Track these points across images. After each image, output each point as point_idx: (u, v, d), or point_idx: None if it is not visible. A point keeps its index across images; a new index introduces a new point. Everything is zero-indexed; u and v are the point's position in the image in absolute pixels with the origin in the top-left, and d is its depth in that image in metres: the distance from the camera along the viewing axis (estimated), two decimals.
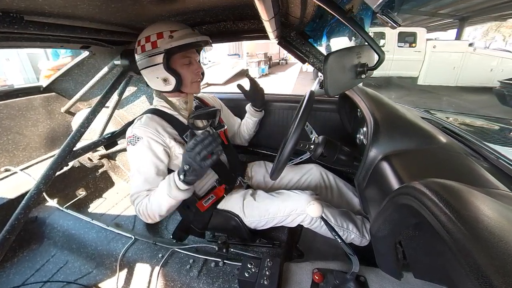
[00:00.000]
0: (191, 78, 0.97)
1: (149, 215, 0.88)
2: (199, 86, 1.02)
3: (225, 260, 0.94)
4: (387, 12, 0.60)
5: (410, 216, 0.44)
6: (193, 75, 0.97)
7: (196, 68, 0.97)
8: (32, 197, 0.92)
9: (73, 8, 0.74)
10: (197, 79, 0.99)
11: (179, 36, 0.88)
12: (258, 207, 1.00)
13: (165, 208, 0.85)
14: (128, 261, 1.04)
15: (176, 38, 0.88)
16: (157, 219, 0.90)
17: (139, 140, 0.89)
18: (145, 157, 0.89)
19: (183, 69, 0.94)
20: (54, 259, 1.19)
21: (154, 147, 0.90)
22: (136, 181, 0.90)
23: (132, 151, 0.90)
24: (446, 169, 0.62)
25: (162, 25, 0.90)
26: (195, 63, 0.97)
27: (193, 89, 1.01)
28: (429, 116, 1.12)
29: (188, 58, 0.95)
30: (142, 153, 0.89)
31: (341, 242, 0.71)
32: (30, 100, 1.57)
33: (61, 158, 1.03)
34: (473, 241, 0.28)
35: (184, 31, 0.90)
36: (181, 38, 0.88)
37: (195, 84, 1.00)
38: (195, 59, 0.97)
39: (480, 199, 0.35)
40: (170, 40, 0.87)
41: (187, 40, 0.88)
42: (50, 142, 1.68)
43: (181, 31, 0.90)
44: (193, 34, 0.92)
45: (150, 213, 0.87)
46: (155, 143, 0.90)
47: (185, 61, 0.94)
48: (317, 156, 0.89)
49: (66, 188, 1.57)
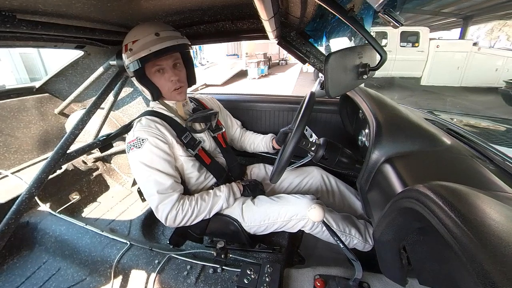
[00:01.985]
0: (167, 87, 0.94)
1: (191, 217, 0.92)
2: (180, 94, 0.98)
3: (223, 266, 0.94)
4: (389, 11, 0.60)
5: (414, 220, 0.44)
6: (169, 83, 0.93)
7: (170, 76, 0.92)
8: (23, 202, 0.91)
9: (67, 7, 0.74)
10: (176, 87, 0.95)
11: (136, 49, 0.86)
12: (257, 211, 1.00)
13: (213, 212, 0.96)
14: (123, 268, 1.03)
15: (134, 51, 0.86)
16: (194, 221, 0.95)
17: (144, 142, 0.88)
18: (157, 155, 0.89)
19: (156, 78, 0.93)
20: (45, 266, 1.18)
21: (161, 145, 0.90)
22: (157, 182, 0.88)
23: (139, 154, 0.88)
24: (451, 171, 0.62)
25: (132, 33, 0.89)
26: (168, 70, 0.92)
27: (174, 98, 0.99)
28: (433, 118, 1.12)
29: (157, 66, 0.90)
30: (152, 152, 0.88)
31: (343, 247, 0.70)
32: (23, 101, 1.57)
33: (54, 161, 1.03)
34: (480, 246, 0.28)
35: (143, 40, 0.86)
36: (139, 50, 0.85)
37: (175, 93, 0.96)
38: (169, 66, 0.92)
39: (487, 202, 0.35)
40: (130, 54, 0.87)
41: (141, 53, 0.85)
42: (42, 144, 1.68)
43: (140, 40, 0.86)
44: (152, 41, 0.85)
45: (196, 215, 0.93)
46: (161, 142, 0.90)
47: (155, 69, 0.91)
48: (318, 158, 0.89)
49: (59, 192, 1.56)
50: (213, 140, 1.12)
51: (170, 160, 0.92)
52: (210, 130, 1.11)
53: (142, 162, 0.88)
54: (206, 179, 1.07)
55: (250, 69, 10.33)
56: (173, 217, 0.90)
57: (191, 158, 0.99)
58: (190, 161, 0.98)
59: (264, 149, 1.29)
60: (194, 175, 1.01)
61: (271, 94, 1.85)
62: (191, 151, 0.99)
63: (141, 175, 0.89)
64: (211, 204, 0.96)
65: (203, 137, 1.07)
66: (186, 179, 1.02)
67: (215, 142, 1.12)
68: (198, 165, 1.02)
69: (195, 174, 1.01)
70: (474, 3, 6.39)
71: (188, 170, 0.99)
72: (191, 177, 1.02)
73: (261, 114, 1.60)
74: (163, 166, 0.90)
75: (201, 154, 1.02)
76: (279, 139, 1.16)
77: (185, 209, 0.91)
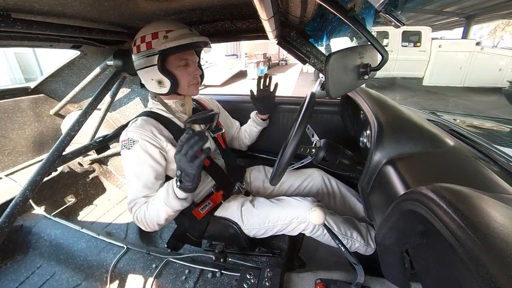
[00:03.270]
0: (187, 80, 0.97)
1: (148, 224, 0.88)
2: (197, 88, 1.02)
3: (222, 271, 0.94)
4: (390, 10, 0.61)
5: (417, 223, 0.44)
6: (190, 77, 0.97)
7: (194, 70, 0.97)
8: (17, 205, 0.91)
9: (63, 6, 0.74)
10: (195, 82, 0.99)
11: (174, 37, 0.88)
12: (257, 214, 1.00)
13: (163, 217, 0.85)
14: (119, 272, 1.03)
15: (171, 38, 0.88)
16: (156, 227, 0.90)
17: (134, 144, 0.88)
18: (142, 161, 0.89)
19: (179, 71, 0.94)
20: (40, 270, 1.18)
21: (151, 150, 0.89)
22: (134, 186, 0.89)
23: (128, 156, 0.89)
24: (454, 173, 0.62)
25: (158, 24, 0.91)
26: (192, 65, 0.97)
27: (191, 92, 1.01)
28: (436, 118, 1.12)
29: (184, 60, 0.94)
30: (139, 156, 0.88)
31: (345, 251, 0.70)
32: (17, 102, 1.57)
33: (49, 163, 1.03)
34: (485, 250, 0.28)
35: (180, 31, 0.90)
36: (177, 39, 0.87)
37: (193, 87, 0.99)
38: (193, 60, 0.97)
39: (491, 204, 0.35)
40: (165, 41, 0.87)
41: (183, 41, 0.87)
42: (37, 146, 1.68)
43: (177, 31, 0.89)
44: (191, 34, 0.91)
45: (149, 222, 0.87)
46: (152, 146, 0.90)
47: (181, 63, 0.94)
48: (319, 160, 0.89)
49: (54, 194, 1.56)
50: (213, 141, 1.12)
51: (157, 168, 0.91)
52: (210, 131, 1.11)
53: (128, 163, 0.90)
54: (204, 182, 1.06)
55: (250, 69, 10.35)
56: (137, 221, 0.90)
57: None
58: None
59: (255, 127, 1.34)
60: None
61: None
62: None
63: (127, 174, 0.92)
64: (155, 209, 0.85)
65: None
66: None
67: (215, 143, 1.12)
68: None
69: None
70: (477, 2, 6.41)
71: None
72: None
73: None
74: (147, 174, 0.89)
75: None
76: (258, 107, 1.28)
77: (141, 216, 0.88)
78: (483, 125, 1.50)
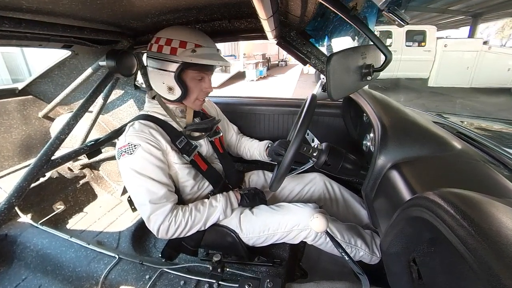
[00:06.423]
0: (197, 94, 1.00)
1: (187, 227, 0.92)
2: (201, 105, 1.06)
3: (220, 282, 0.93)
4: (393, 9, 0.61)
5: (425, 230, 0.44)
6: (201, 93, 1.00)
7: (207, 87, 1.00)
8: (2, 212, 0.91)
9: (53, 4, 0.75)
10: (202, 98, 1.03)
11: (202, 54, 0.91)
12: (256, 221, 1.00)
13: (209, 224, 0.97)
14: (111, 284, 1.02)
15: (198, 54, 0.90)
16: (190, 233, 0.95)
17: (136, 148, 0.88)
18: (149, 163, 0.88)
19: (193, 84, 0.97)
20: (25, 283, 1.16)
21: (155, 152, 0.90)
22: (149, 191, 0.87)
23: (130, 161, 0.88)
24: (462, 178, 0.62)
25: (187, 33, 0.92)
26: (207, 81, 1.00)
27: (195, 106, 1.04)
28: (442, 121, 1.13)
29: (202, 75, 0.98)
30: (145, 159, 0.88)
31: (348, 260, 0.70)
32: (3, 104, 1.56)
33: (37, 168, 1.02)
34: (496, 258, 0.28)
35: (209, 49, 0.93)
36: (204, 57, 0.90)
37: (198, 102, 1.03)
38: (209, 77, 1.01)
39: (502, 210, 0.35)
40: (192, 54, 0.89)
41: (210, 61, 0.91)
42: (25, 150, 1.67)
43: (206, 48, 0.92)
44: (218, 56, 0.95)
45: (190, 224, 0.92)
46: (154, 148, 0.90)
47: (198, 76, 0.97)
48: (321, 164, 0.89)
49: (42, 201, 1.55)
50: (211, 145, 1.12)
51: (163, 168, 0.92)
52: (209, 136, 1.11)
53: (133, 169, 0.87)
54: (202, 187, 1.06)
55: (248, 70, 10.41)
56: (166, 229, 0.89)
57: (187, 165, 0.99)
58: (185, 168, 0.98)
59: (259, 158, 1.30)
60: (190, 183, 1.01)
61: (270, 97, 1.86)
62: (186, 157, 0.98)
63: (132, 183, 0.89)
64: (207, 215, 0.95)
65: (200, 141, 1.07)
66: (180, 188, 1.02)
67: (212, 147, 1.12)
68: (194, 173, 1.01)
69: (190, 183, 1.01)
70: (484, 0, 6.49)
71: (183, 178, 0.99)
72: (186, 186, 1.01)
73: (260, 118, 1.61)
74: (156, 174, 0.89)
75: (197, 160, 1.02)
76: (270, 153, 1.14)
77: (178, 221, 0.90)
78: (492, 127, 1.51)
